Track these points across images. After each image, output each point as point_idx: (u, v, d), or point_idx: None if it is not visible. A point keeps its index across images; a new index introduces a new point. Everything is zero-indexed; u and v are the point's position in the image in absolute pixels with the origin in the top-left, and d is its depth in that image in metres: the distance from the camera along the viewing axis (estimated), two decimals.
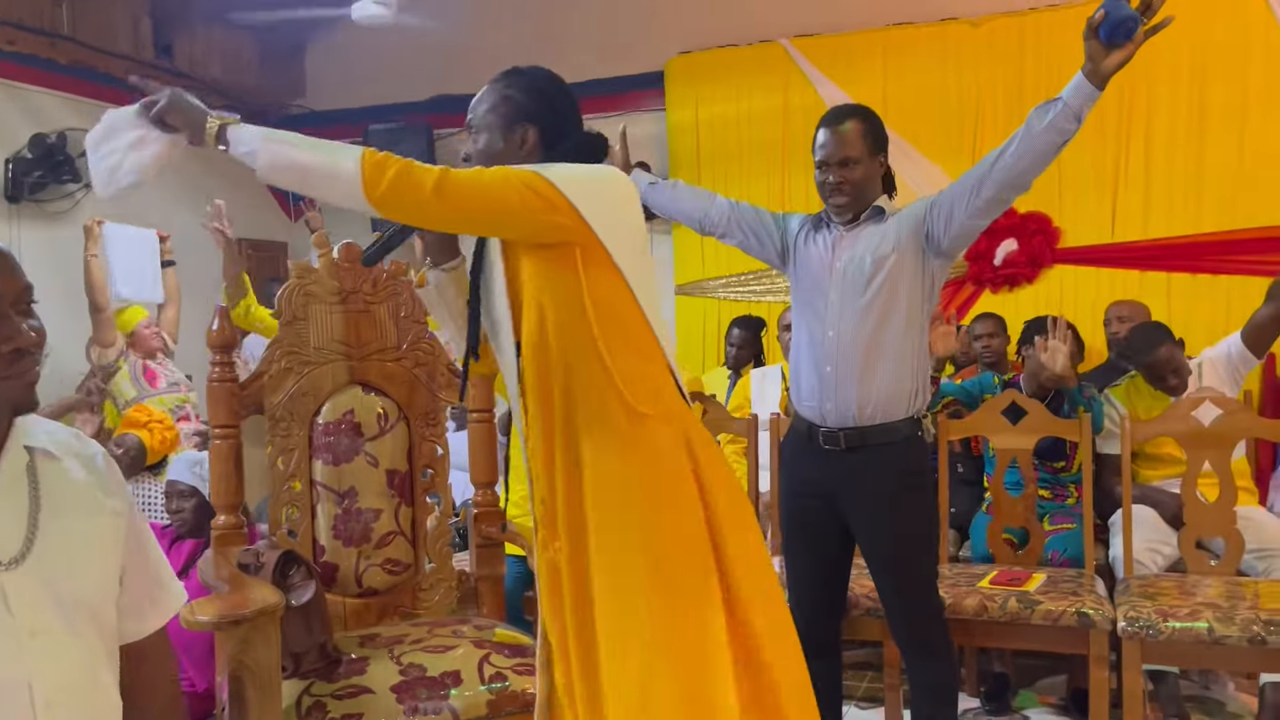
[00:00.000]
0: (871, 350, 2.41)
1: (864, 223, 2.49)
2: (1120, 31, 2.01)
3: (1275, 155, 4.60)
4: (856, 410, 2.44)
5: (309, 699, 2.07)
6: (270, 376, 2.39)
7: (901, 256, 2.41)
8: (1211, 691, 3.50)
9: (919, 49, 5.24)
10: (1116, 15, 1.99)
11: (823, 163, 2.47)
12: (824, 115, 2.53)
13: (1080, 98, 2.11)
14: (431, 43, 6.15)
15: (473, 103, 1.94)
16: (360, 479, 2.44)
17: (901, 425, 2.45)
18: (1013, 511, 3.19)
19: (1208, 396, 3.06)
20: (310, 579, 2.19)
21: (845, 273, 2.45)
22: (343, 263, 2.47)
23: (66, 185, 5.21)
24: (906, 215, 2.45)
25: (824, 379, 2.47)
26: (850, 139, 2.44)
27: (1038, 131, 2.17)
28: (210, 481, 2.36)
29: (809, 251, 2.55)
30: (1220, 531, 3.00)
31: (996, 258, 5.11)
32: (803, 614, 2.62)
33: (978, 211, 2.33)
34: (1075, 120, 2.14)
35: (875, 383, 2.42)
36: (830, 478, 2.50)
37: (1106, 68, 2.05)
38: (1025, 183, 2.27)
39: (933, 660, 2.51)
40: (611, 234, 1.73)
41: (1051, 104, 2.16)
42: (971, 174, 2.34)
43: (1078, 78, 2.11)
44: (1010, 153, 2.24)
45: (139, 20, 5.66)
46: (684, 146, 5.66)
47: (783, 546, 2.67)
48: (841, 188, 2.45)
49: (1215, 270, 4.74)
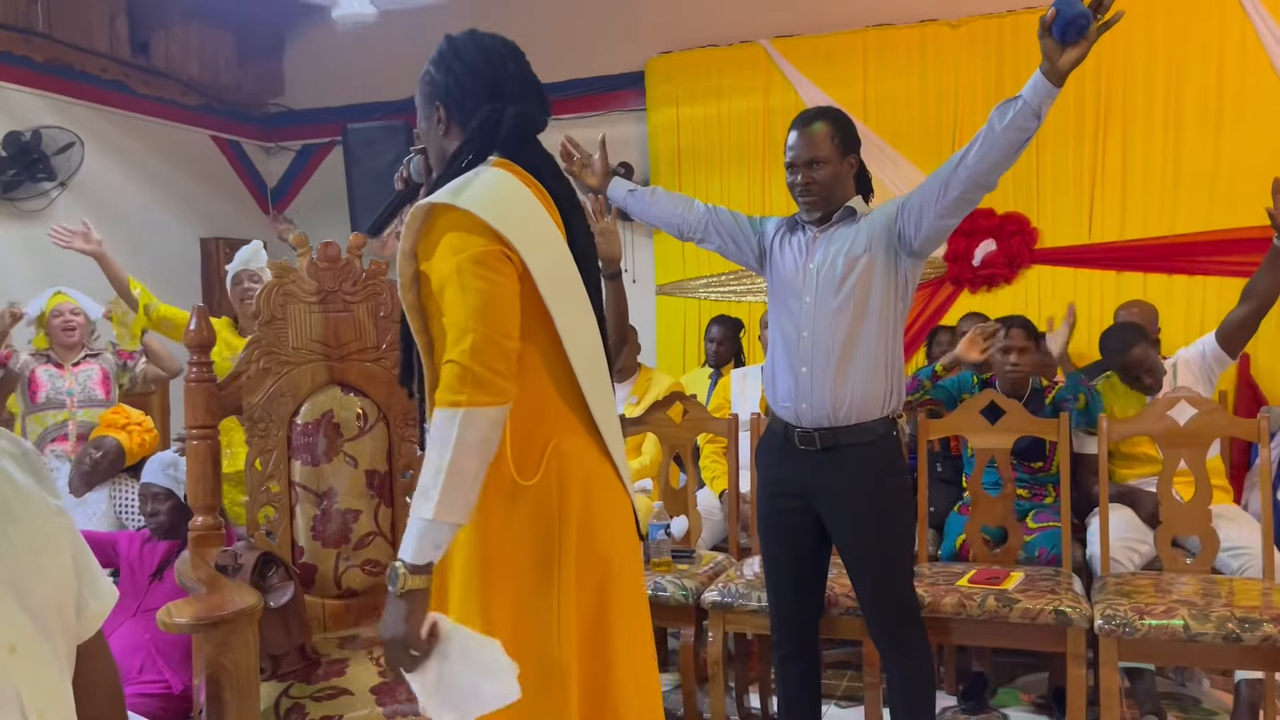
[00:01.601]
0: (846, 351, 2.43)
1: (836, 224, 2.51)
2: (1072, 29, 2.03)
3: (1251, 156, 4.65)
4: (831, 410, 2.45)
5: (287, 701, 2.06)
6: (248, 377, 2.37)
7: (874, 257, 2.43)
8: (1187, 689, 3.53)
9: (899, 50, 5.26)
10: (1068, 13, 2.01)
11: (791, 164, 2.50)
12: (795, 117, 2.55)
13: (1039, 96, 2.13)
14: (411, 42, 6.08)
15: None
16: (339, 480, 2.43)
17: (876, 425, 2.47)
18: (991, 511, 3.21)
19: (1183, 396, 3.09)
20: (289, 580, 2.19)
21: (818, 274, 2.47)
22: (321, 263, 2.46)
23: (42, 184, 5.16)
24: (878, 216, 2.47)
25: (799, 380, 2.48)
26: (818, 140, 2.46)
27: (999, 130, 2.19)
28: (187, 483, 2.35)
29: (783, 253, 2.57)
30: (1195, 530, 3.03)
31: (975, 258, 5.14)
32: (782, 613, 2.65)
33: (946, 211, 2.35)
34: (1035, 118, 2.15)
35: (850, 383, 2.43)
36: (806, 478, 2.52)
37: (1063, 65, 2.07)
38: (990, 182, 2.28)
39: (909, 657, 2.53)
40: (534, 255, 1.60)
41: (1011, 102, 2.17)
42: (938, 174, 2.36)
43: (1036, 76, 2.13)
44: (974, 153, 2.25)
45: (115, 17, 5.61)
46: (664, 147, 5.65)
47: (760, 546, 2.68)
48: (810, 188, 2.47)
49: (1191, 271, 4.78)
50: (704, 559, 3.33)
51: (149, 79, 5.84)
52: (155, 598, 2.73)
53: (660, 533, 3.21)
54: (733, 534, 3.46)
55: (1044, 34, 2.06)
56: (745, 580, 3.03)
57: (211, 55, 6.29)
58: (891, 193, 4.85)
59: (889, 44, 5.28)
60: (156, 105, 5.95)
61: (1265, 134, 4.64)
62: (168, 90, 5.98)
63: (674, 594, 3.02)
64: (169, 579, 2.73)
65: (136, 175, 5.84)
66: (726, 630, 3.03)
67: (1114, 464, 3.50)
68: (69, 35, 5.30)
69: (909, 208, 2.41)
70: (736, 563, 3.30)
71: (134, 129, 5.83)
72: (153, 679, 2.62)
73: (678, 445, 3.49)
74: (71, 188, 5.31)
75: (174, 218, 6.06)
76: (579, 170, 2.79)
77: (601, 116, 5.64)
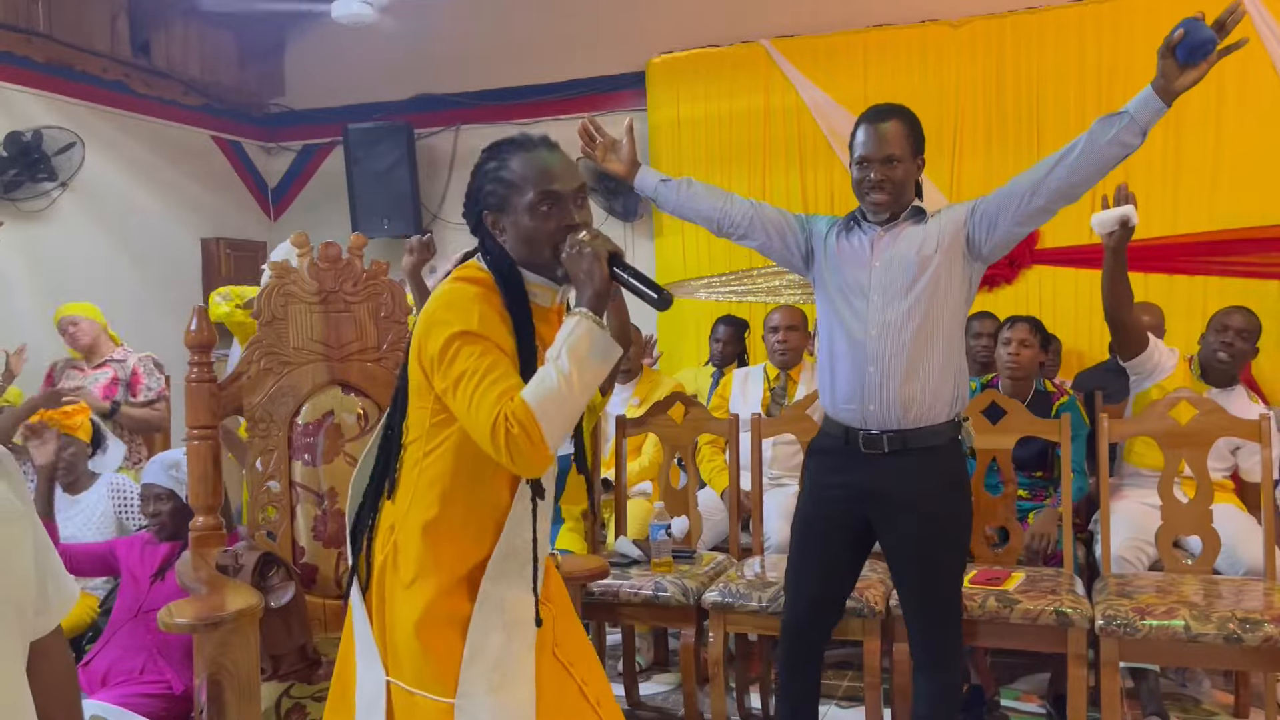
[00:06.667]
0: (916, 351, 2.38)
1: (902, 222, 2.45)
2: (1199, 52, 2.03)
3: (1251, 157, 4.65)
4: (900, 412, 2.39)
5: (288, 701, 2.06)
6: (249, 377, 2.37)
7: (944, 258, 2.38)
8: (1188, 689, 3.53)
9: (899, 50, 5.26)
10: (1197, 37, 2.01)
11: (864, 159, 2.42)
12: (865, 112, 2.49)
13: (1148, 113, 2.12)
14: (412, 42, 6.13)
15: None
16: (340, 480, 2.43)
17: (944, 428, 2.42)
18: (992, 511, 3.21)
19: (1184, 396, 3.09)
20: (290, 581, 2.19)
21: (887, 272, 2.41)
22: (322, 263, 2.46)
23: (42, 184, 5.16)
24: (947, 218, 2.42)
25: (866, 380, 2.41)
26: (894, 137, 2.41)
27: (1102, 144, 2.17)
28: (188, 482, 2.35)
29: (843, 252, 2.49)
30: (1197, 530, 3.03)
31: None
32: (798, 612, 2.57)
33: (1025, 219, 2.32)
34: (1140, 135, 2.14)
35: (919, 384, 2.38)
36: (868, 481, 2.44)
37: (1179, 86, 2.06)
38: (1077, 195, 2.26)
39: (945, 669, 2.47)
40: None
41: (1117, 117, 2.15)
42: (1023, 180, 2.32)
43: (1146, 92, 2.11)
44: (1069, 162, 2.22)
45: (116, 17, 5.61)
46: (666, 147, 5.66)
47: (792, 543, 2.59)
48: (882, 185, 2.40)
49: (1192, 271, 4.78)
50: (704, 559, 3.33)
51: (150, 79, 5.84)
52: (156, 598, 2.72)
53: (661, 533, 3.21)
54: (733, 534, 3.45)
55: (1166, 53, 2.06)
56: (746, 580, 3.03)
57: (212, 55, 6.29)
58: None
59: (889, 44, 5.28)
60: (157, 105, 5.95)
61: (1266, 134, 4.64)
62: (168, 90, 5.98)
63: (674, 594, 3.02)
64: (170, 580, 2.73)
65: (137, 175, 5.84)
66: (727, 630, 3.02)
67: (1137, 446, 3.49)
68: (70, 35, 5.30)
69: (984, 212, 2.37)
70: (737, 563, 3.29)
71: (135, 129, 5.83)
72: (154, 679, 2.62)
73: (679, 446, 3.49)
74: (72, 188, 5.31)
75: (174, 218, 6.06)
76: (601, 156, 2.64)
77: (602, 116, 5.61)
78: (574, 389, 1.53)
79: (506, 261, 1.68)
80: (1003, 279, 5.12)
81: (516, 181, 1.67)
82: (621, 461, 3.55)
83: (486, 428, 1.52)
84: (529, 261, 1.69)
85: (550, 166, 1.68)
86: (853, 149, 2.46)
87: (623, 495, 3.56)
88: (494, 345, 1.58)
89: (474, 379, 1.55)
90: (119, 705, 2.38)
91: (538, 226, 1.66)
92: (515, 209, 1.67)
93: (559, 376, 1.52)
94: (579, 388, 1.54)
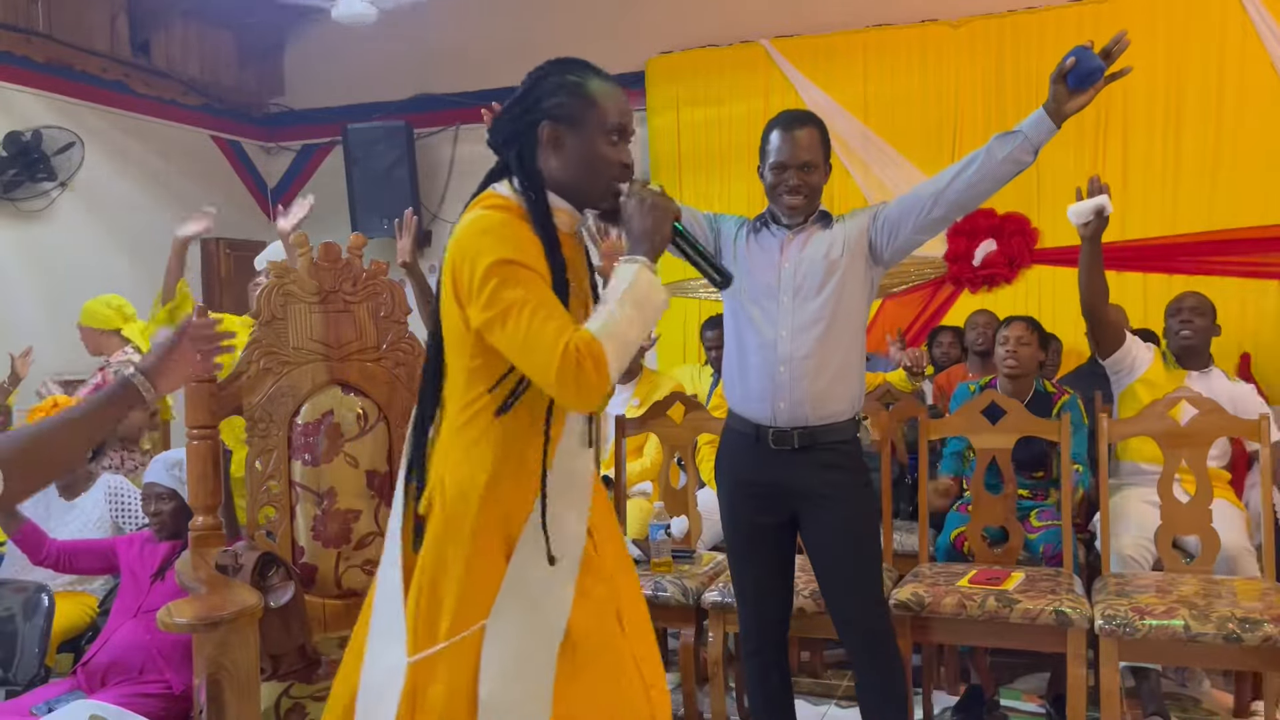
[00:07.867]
0: (824, 351, 2.46)
1: (810, 226, 2.53)
2: (1088, 80, 2.19)
3: (1251, 157, 4.65)
4: (810, 409, 2.47)
5: (288, 701, 2.06)
6: (249, 377, 2.37)
7: (850, 261, 2.47)
8: (1187, 688, 3.53)
9: (899, 50, 5.26)
10: (1087, 65, 2.18)
11: (781, 164, 2.50)
12: (778, 117, 2.56)
13: (1040, 133, 2.26)
14: (412, 42, 6.13)
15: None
16: (339, 480, 2.43)
17: (846, 426, 2.51)
18: (992, 510, 3.21)
19: (1184, 396, 3.09)
20: (289, 580, 2.19)
21: (796, 275, 2.49)
22: (322, 263, 2.46)
23: (42, 184, 5.16)
24: (852, 224, 2.51)
25: (776, 379, 2.48)
26: (809, 144, 2.49)
27: (998, 161, 2.30)
28: (188, 482, 2.35)
29: (752, 254, 2.56)
30: (1196, 530, 3.03)
31: (976, 258, 5.14)
32: (755, 616, 2.64)
33: (925, 227, 2.43)
34: (1032, 153, 2.28)
35: (827, 382, 2.46)
36: (781, 477, 2.51)
37: (1069, 109, 2.22)
38: (973, 206, 2.44)
39: (879, 653, 2.51)
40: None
41: (1012, 136, 2.28)
42: (925, 189, 2.41)
43: (1038, 114, 2.25)
44: (966, 176, 2.34)
45: (116, 17, 5.61)
46: (665, 147, 5.65)
47: (728, 549, 2.67)
48: (799, 189, 2.48)
49: (1191, 270, 4.78)
50: (704, 559, 3.32)
51: (149, 79, 5.84)
52: (156, 598, 2.72)
53: (660, 533, 3.21)
54: None
55: (1057, 79, 2.20)
56: None
57: (212, 55, 6.30)
58: (892, 192, 4.85)
59: (889, 44, 5.28)
60: (157, 105, 5.95)
61: (1266, 133, 4.65)
62: (168, 90, 5.99)
63: (674, 594, 3.02)
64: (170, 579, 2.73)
65: (137, 175, 5.84)
66: (727, 630, 3.02)
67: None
68: (69, 35, 5.31)
69: (886, 218, 2.46)
70: None
71: (134, 129, 5.83)
72: (153, 679, 2.62)
73: (678, 446, 3.49)
74: (72, 188, 5.31)
75: (174, 218, 6.02)
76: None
77: None
78: (633, 331, 1.55)
79: (540, 181, 1.65)
80: (1002, 279, 5.13)
81: (599, 101, 1.63)
82: (621, 462, 3.55)
83: (552, 358, 1.49)
84: (573, 185, 1.66)
85: (624, 103, 1.66)
86: (768, 154, 2.53)
87: (622, 495, 3.56)
88: (538, 275, 1.56)
89: (526, 309, 1.51)
90: (118, 705, 2.38)
91: (609, 154, 1.64)
92: (588, 127, 1.63)
93: (622, 316, 1.54)
94: (636, 333, 1.56)
